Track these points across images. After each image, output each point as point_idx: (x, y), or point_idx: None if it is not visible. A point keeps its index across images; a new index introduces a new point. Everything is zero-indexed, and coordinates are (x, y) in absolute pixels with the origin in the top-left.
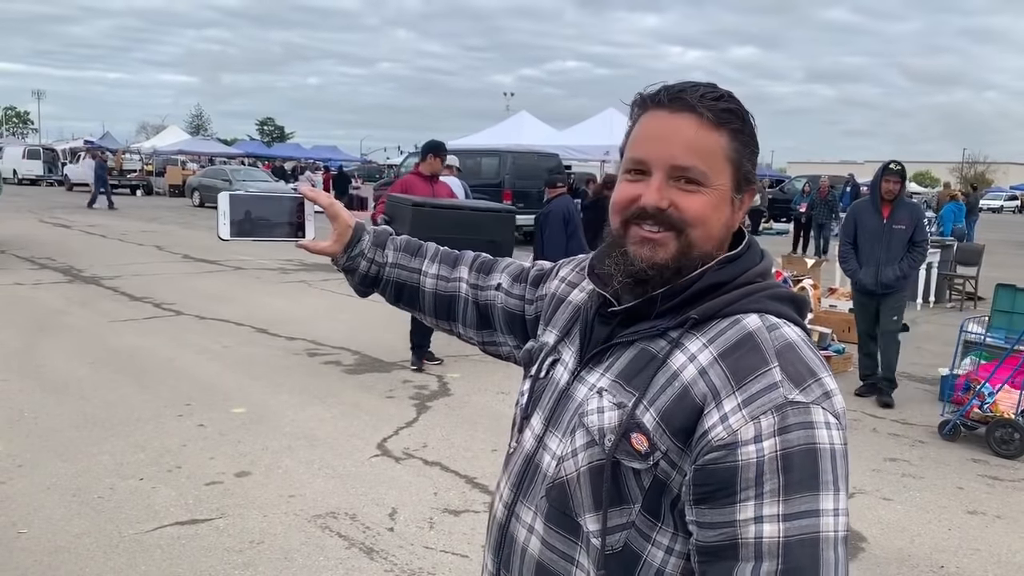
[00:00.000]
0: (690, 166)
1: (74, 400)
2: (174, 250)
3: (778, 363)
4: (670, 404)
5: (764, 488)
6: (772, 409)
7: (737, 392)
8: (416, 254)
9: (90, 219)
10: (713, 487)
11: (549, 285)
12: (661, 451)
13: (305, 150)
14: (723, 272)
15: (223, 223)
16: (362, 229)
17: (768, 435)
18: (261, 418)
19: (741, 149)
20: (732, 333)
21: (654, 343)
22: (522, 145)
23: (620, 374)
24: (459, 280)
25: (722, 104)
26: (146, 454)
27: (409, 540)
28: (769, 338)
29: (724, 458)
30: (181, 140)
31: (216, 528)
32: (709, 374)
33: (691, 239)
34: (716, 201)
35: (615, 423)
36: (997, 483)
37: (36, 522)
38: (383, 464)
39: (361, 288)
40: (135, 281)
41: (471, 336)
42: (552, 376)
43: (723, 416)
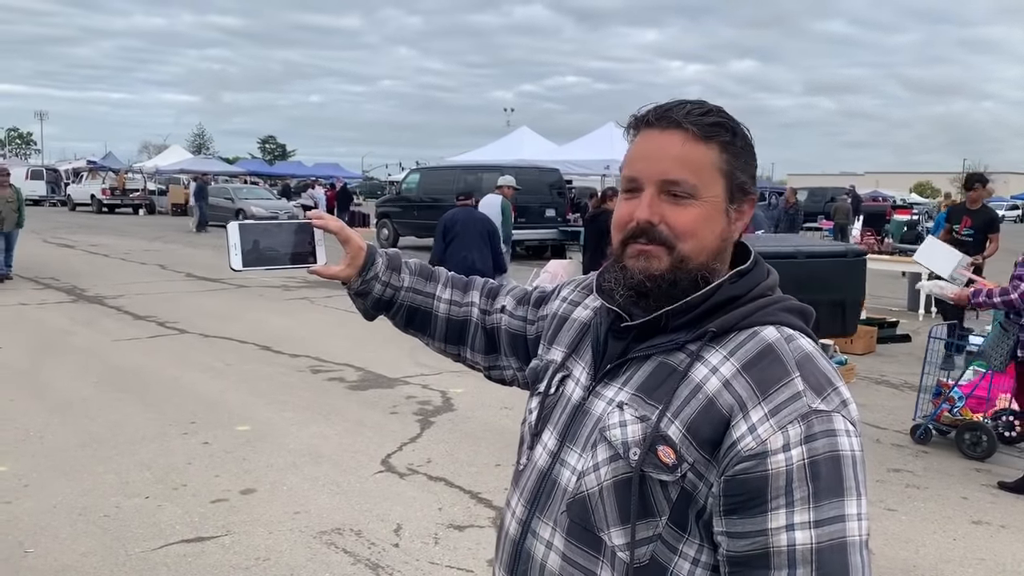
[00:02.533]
0: (679, 179)
1: (79, 419)
2: (177, 269)
3: (799, 373)
4: (696, 416)
5: (795, 496)
6: (798, 418)
7: (763, 402)
8: (430, 278)
9: (94, 239)
10: (744, 497)
11: (551, 306)
12: (688, 463)
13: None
14: (737, 286)
15: (234, 254)
16: (375, 252)
17: (796, 443)
18: (265, 435)
19: (733, 160)
20: (752, 345)
21: (673, 356)
22: (523, 160)
23: (640, 387)
24: (471, 305)
25: (709, 118)
26: (151, 472)
27: (414, 556)
28: (788, 349)
29: (755, 468)
30: (183, 159)
31: (222, 545)
32: (734, 385)
33: (683, 252)
34: (708, 213)
35: (639, 436)
36: (1001, 493)
37: (42, 541)
38: (387, 480)
39: (371, 312)
40: (139, 300)
41: (478, 361)
42: (563, 392)
43: (751, 426)
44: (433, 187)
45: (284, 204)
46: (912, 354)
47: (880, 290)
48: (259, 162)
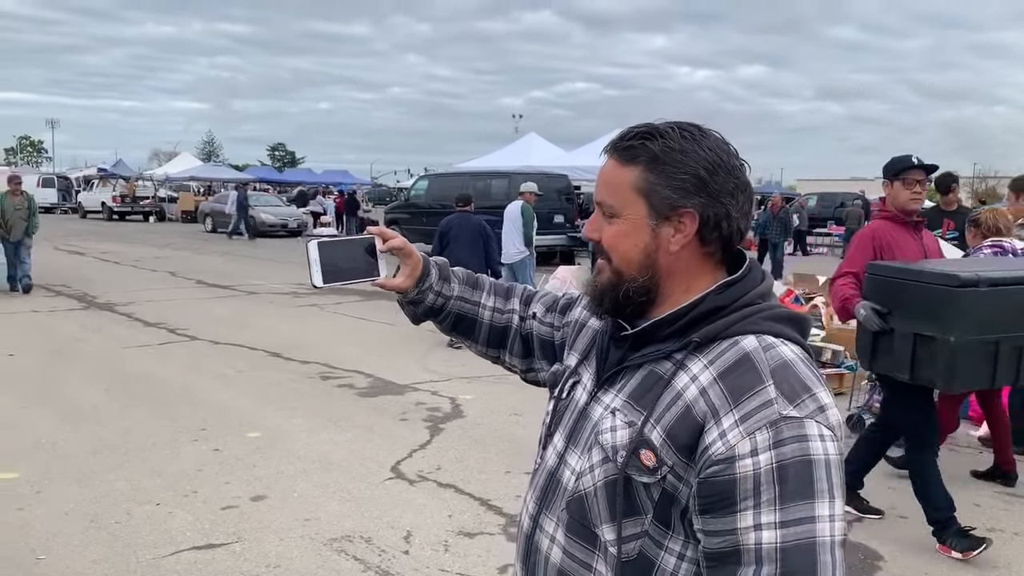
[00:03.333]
0: (602, 201)
1: (90, 426)
2: (187, 276)
3: (772, 381)
4: (675, 422)
5: (762, 498)
6: (767, 425)
7: (734, 410)
8: (476, 286)
9: (104, 246)
10: (715, 498)
11: (574, 312)
12: (668, 466)
13: (316, 175)
14: (723, 296)
15: (315, 271)
16: (429, 263)
17: (764, 449)
18: (276, 442)
19: (655, 179)
20: (731, 354)
21: (660, 365)
22: (531, 167)
23: (631, 395)
24: (512, 312)
25: (628, 141)
26: (162, 479)
27: (424, 563)
28: (765, 358)
29: (723, 471)
30: (193, 166)
31: (233, 552)
32: (709, 393)
33: (615, 264)
34: (627, 229)
35: (626, 440)
36: (1014, 500)
37: (54, 548)
38: (397, 487)
39: (421, 318)
40: (149, 307)
41: (515, 364)
42: (573, 396)
43: (721, 432)
44: (442, 193)
45: (294, 211)
46: None
47: None
48: (268, 169)
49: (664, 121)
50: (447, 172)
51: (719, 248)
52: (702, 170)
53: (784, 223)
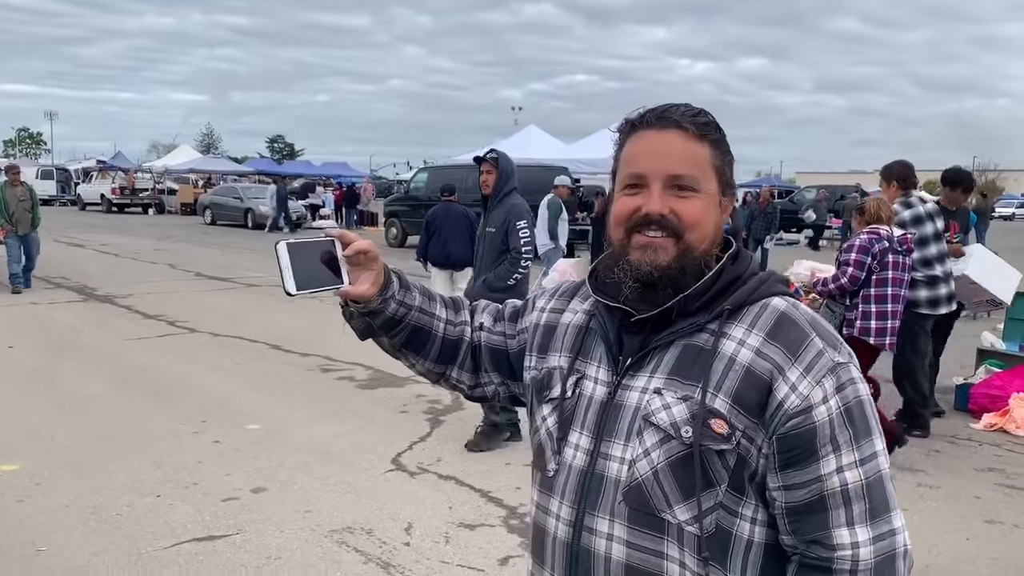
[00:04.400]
0: (684, 174)
1: (91, 418)
2: (187, 268)
3: (815, 333)
4: (739, 385)
5: (839, 441)
6: (828, 371)
7: (796, 363)
8: (431, 298)
9: (104, 238)
10: (798, 450)
11: (529, 317)
12: (740, 430)
13: (315, 167)
14: (736, 267)
15: (288, 277)
16: (390, 270)
17: (832, 394)
18: (276, 434)
19: (722, 157)
20: (767, 315)
21: (696, 338)
22: (531, 159)
23: (672, 371)
24: (463, 324)
25: (702, 118)
26: (163, 471)
27: (425, 555)
28: (799, 314)
29: (803, 422)
30: (192, 159)
31: (233, 544)
32: (766, 352)
33: (689, 242)
34: (708, 204)
35: (686, 415)
36: (1014, 492)
37: (55, 540)
38: (398, 479)
39: (375, 332)
40: (149, 299)
41: (463, 380)
42: (581, 393)
43: (792, 385)
44: (441, 186)
45: (293, 204)
46: None
47: None
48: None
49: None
50: (447, 164)
51: None
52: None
53: (770, 219)
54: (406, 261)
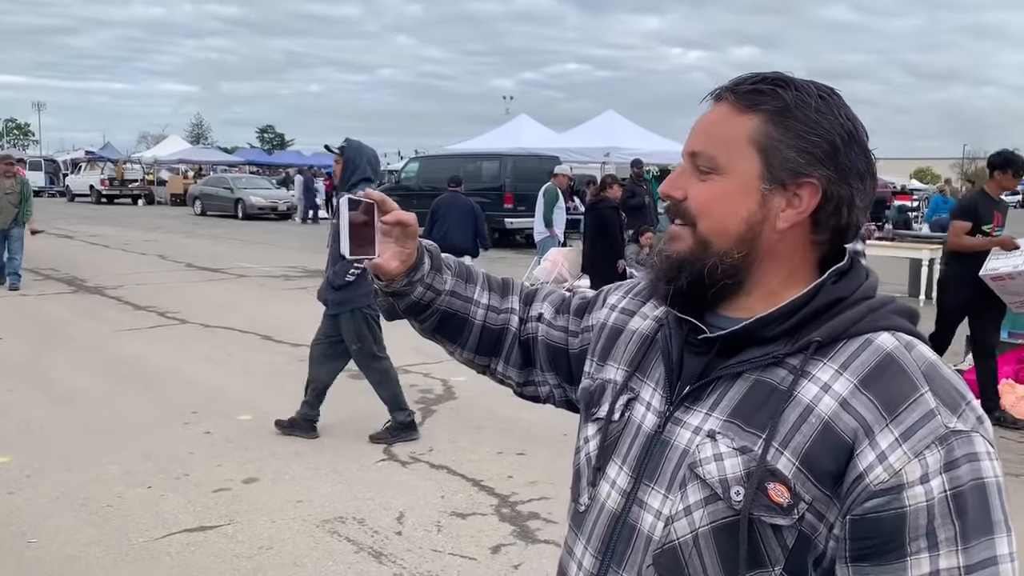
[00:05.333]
0: (698, 151)
1: (81, 410)
2: (177, 259)
3: (929, 387)
4: (810, 444)
5: (939, 537)
6: (936, 441)
7: (891, 424)
8: (469, 279)
9: (93, 229)
10: (879, 540)
11: (597, 315)
12: (806, 502)
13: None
14: (840, 286)
15: (344, 239)
16: (423, 249)
17: (935, 473)
18: (267, 424)
19: (779, 134)
20: (867, 356)
21: (771, 373)
22: (523, 148)
23: (734, 412)
24: (510, 312)
25: (756, 85)
26: (154, 462)
27: (417, 544)
28: (912, 359)
29: (888, 504)
30: (182, 149)
31: (225, 535)
32: (854, 405)
33: (702, 233)
34: (727, 190)
35: (740, 472)
36: (1006, 478)
37: (46, 531)
38: (390, 468)
39: (400, 315)
40: (139, 290)
41: (510, 375)
42: (631, 419)
43: (880, 454)
44: (432, 176)
45: (284, 194)
46: None
47: (881, 276)
48: (258, 151)
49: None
50: (438, 154)
51: (828, 239)
52: (838, 137)
53: None
54: None
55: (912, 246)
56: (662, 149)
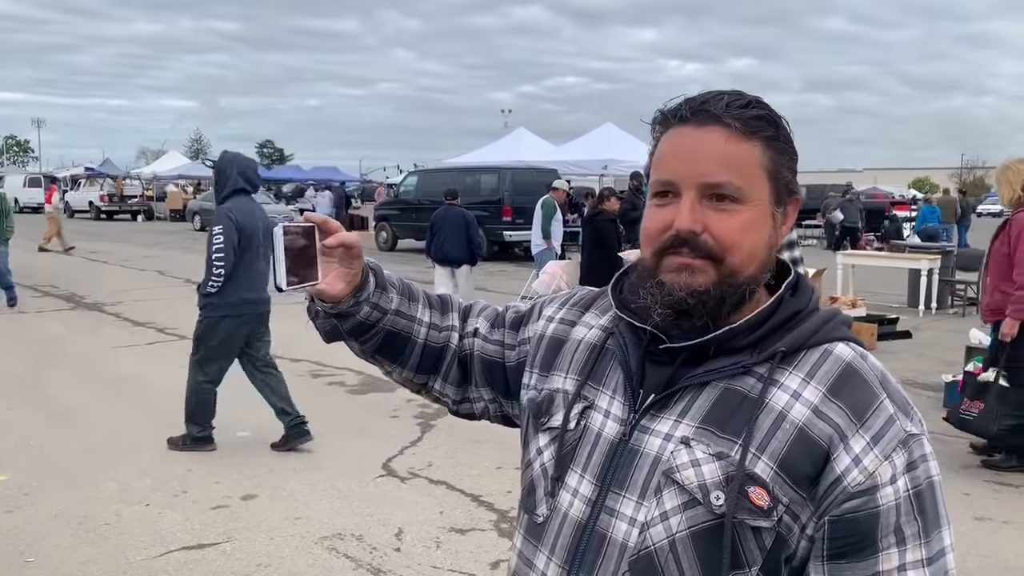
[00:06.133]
0: (722, 182)
1: (79, 427)
2: (176, 275)
3: (886, 394)
4: (787, 449)
5: (906, 533)
6: (899, 444)
7: (861, 430)
8: (412, 298)
9: (92, 246)
10: (855, 538)
11: (533, 327)
12: (784, 504)
13: (305, 171)
14: (797, 300)
15: (280, 269)
16: (367, 267)
17: (900, 473)
18: (266, 441)
19: (777, 157)
20: (830, 365)
21: (739, 381)
22: (521, 161)
23: (706, 419)
24: (451, 329)
25: (751, 111)
26: (151, 480)
27: (416, 560)
28: (868, 368)
29: (865, 505)
30: (181, 164)
31: (223, 552)
32: (826, 412)
33: (731, 266)
34: (755, 218)
35: (719, 477)
36: (1004, 488)
37: (43, 550)
38: (388, 484)
39: (339, 336)
40: (138, 307)
41: (447, 393)
42: (588, 427)
43: (855, 458)
44: (431, 189)
45: (283, 208)
46: (912, 351)
47: (880, 287)
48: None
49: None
50: (436, 168)
51: None
52: (796, 152)
53: None
54: (400, 265)
55: (911, 257)
56: None
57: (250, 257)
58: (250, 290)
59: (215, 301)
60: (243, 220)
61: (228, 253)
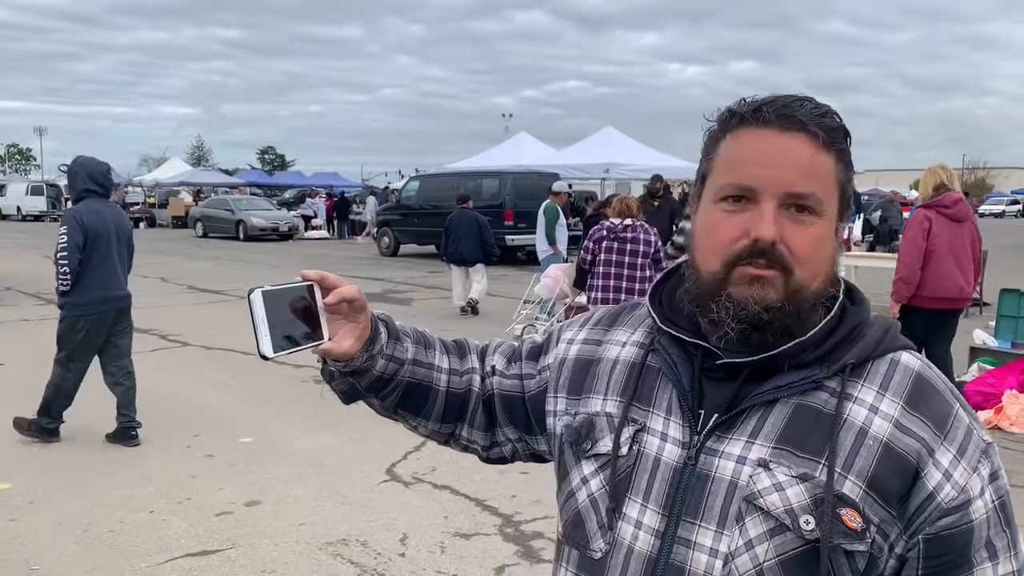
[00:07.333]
0: (807, 192)
1: (83, 435)
2: (179, 281)
3: (959, 403)
4: (875, 467)
5: (997, 546)
6: (981, 455)
7: (946, 442)
8: (427, 345)
9: None
10: (951, 556)
11: (554, 352)
12: (875, 524)
13: (306, 177)
14: (859, 309)
15: (263, 334)
16: (375, 318)
17: (987, 485)
18: (269, 447)
19: (847, 172)
20: (901, 376)
21: (811, 397)
22: (522, 165)
23: (782, 439)
24: (472, 372)
25: (831, 121)
26: (156, 486)
27: (421, 565)
28: (936, 377)
29: (960, 521)
30: (183, 172)
31: (228, 559)
32: (908, 426)
33: (799, 280)
34: (826, 233)
35: (806, 500)
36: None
37: (48, 558)
38: (393, 489)
39: (358, 395)
40: (140, 313)
41: (475, 440)
42: (643, 452)
43: (945, 472)
44: (433, 194)
45: (285, 215)
46: None
47: (883, 287)
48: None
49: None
50: (438, 172)
51: None
52: None
53: None
54: (403, 270)
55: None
56: (661, 165)
57: (99, 256)
58: (104, 288)
59: (71, 301)
60: (89, 221)
61: (72, 253)
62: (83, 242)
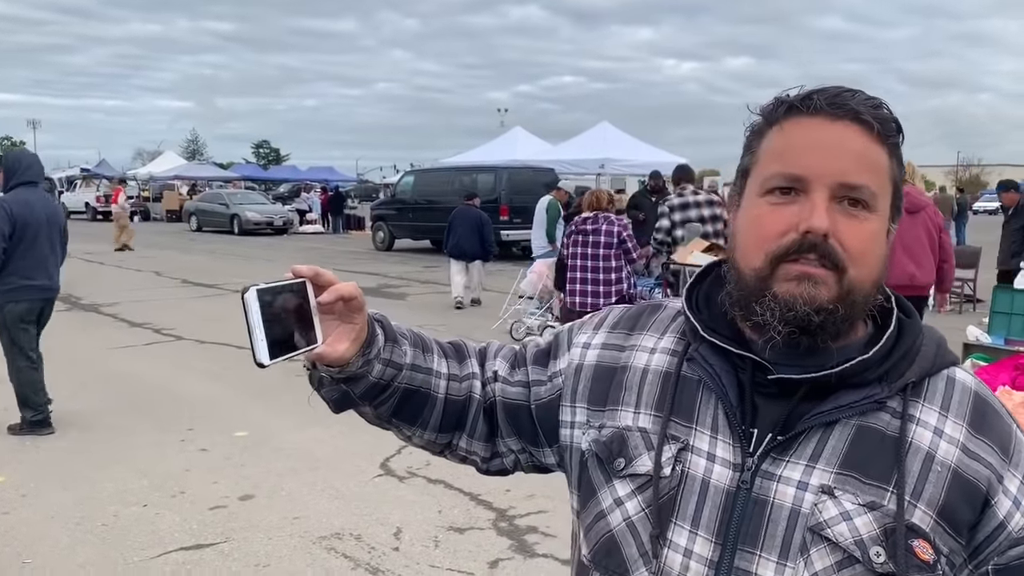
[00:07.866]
0: (861, 184)
1: (76, 428)
2: (173, 275)
3: (1014, 423)
4: (945, 494)
5: None
6: None
7: (1011, 467)
8: (425, 348)
9: (88, 246)
10: None
11: (566, 357)
12: (944, 555)
13: (301, 172)
14: (914, 323)
15: (258, 340)
16: (372, 318)
17: None
18: (263, 441)
19: (899, 169)
20: (960, 396)
21: (873, 419)
22: (517, 160)
23: (845, 464)
24: (472, 377)
25: (884, 111)
26: (149, 480)
27: (415, 559)
28: (991, 395)
29: None
30: (177, 165)
31: (221, 552)
32: (976, 451)
33: (851, 280)
34: (880, 230)
35: (875, 531)
36: None
37: (41, 551)
38: (387, 483)
39: (351, 403)
40: (134, 307)
41: (475, 451)
42: (689, 474)
43: (1015, 500)
44: (428, 189)
45: (279, 209)
46: None
47: None
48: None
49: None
50: (433, 167)
51: None
52: None
53: None
54: (398, 265)
55: None
56: (656, 160)
57: (26, 245)
58: (31, 277)
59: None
60: (18, 211)
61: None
62: (9, 232)
